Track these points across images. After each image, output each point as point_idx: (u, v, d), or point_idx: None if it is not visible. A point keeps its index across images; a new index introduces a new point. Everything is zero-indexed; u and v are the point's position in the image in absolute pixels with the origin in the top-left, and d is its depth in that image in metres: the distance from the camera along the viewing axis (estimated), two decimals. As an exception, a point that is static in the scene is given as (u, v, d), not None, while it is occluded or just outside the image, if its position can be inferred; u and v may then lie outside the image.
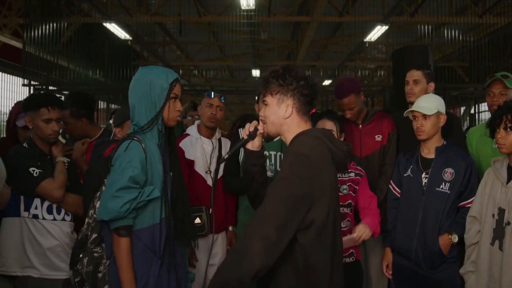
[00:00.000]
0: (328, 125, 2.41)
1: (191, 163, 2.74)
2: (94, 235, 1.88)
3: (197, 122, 2.92)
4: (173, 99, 1.86)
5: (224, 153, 2.84)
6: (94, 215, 1.87)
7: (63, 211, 2.35)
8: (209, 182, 2.77)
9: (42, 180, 2.24)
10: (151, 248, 1.78)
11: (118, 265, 1.73)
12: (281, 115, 1.70)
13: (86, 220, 1.94)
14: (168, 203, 1.84)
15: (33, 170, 2.24)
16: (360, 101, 2.83)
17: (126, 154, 1.75)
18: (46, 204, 2.31)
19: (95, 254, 1.87)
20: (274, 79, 1.70)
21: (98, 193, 1.92)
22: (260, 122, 1.79)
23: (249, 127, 1.79)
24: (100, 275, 1.85)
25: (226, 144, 2.93)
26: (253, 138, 1.79)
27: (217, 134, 2.89)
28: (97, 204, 1.87)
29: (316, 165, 1.57)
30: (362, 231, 2.20)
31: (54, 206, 2.33)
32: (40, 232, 2.29)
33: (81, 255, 1.89)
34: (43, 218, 2.30)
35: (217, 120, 2.79)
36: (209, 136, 2.83)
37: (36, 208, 2.30)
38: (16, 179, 2.27)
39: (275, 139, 1.87)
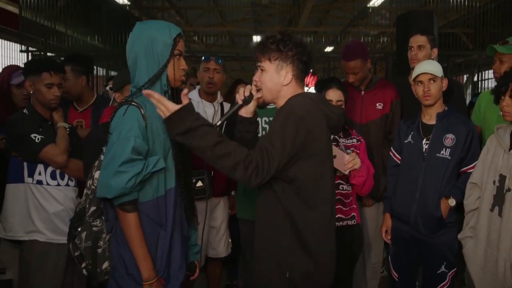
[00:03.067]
0: (338, 95, 2.36)
1: None
2: (93, 208, 1.73)
3: (198, 87, 2.92)
4: (177, 56, 1.70)
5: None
6: (93, 186, 1.74)
7: (66, 176, 2.36)
8: None
9: (45, 146, 2.24)
10: (156, 221, 1.65)
11: (129, 241, 1.60)
12: (280, 82, 1.68)
13: (85, 191, 1.80)
14: (178, 172, 1.71)
15: (35, 136, 2.24)
16: (365, 68, 2.80)
17: (125, 122, 1.58)
18: (49, 170, 2.33)
19: (94, 228, 1.73)
20: (273, 44, 1.66)
21: (97, 162, 1.76)
22: (253, 86, 1.75)
23: (244, 91, 1.75)
24: (99, 250, 1.71)
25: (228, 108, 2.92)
26: (248, 103, 1.75)
27: (219, 98, 2.88)
28: (96, 175, 1.72)
29: (309, 126, 1.59)
30: (354, 157, 2.19)
31: (58, 172, 2.34)
32: (45, 197, 2.32)
33: (79, 229, 1.76)
34: (47, 184, 2.32)
35: (215, 84, 2.77)
36: (211, 100, 2.83)
37: (39, 174, 2.32)
38: (19, 146, 2.28)
39: (270, 106, 1.85)
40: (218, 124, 1.78)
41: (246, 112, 1.77)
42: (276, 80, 1.69)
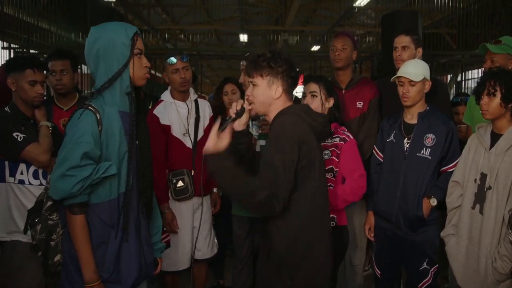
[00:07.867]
0: (312, 87, 2.45)
1: (167, 128, 2.73)
2: (50, 203, 1.75)
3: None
4: (137, 55, 1.68)
5: (202, 114, 2.84)
6: None
7: (49, 176, 2.33)
8: (188, 144, 2.77)
9: (27, 145, 2.21)
10: (108, 223, 1.67)
11: (74, 242, 1.62)
12: (271, 96, 1.83)
13: (45, 184, 1.83)
14: (130, 176, 1.71)
15: (17, 135, 2.20)
16: (352, 53, 2.90)
17: (78, 126, 1.58)
18: (32, 169, 2.29)
19: (49, 222, 1.76)
20: (264, 62, 1.81)
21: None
22: (245, 100, 1.88)
23: (236, 106, 1.88)
24: (52, 243, 1.75)
25: (204, 105, 2.91)
26: (240, 116, 1.88)
27: (192, 96, 2.87)
28: None
29: (300, 137, 1.72)
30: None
31: (40, 171, 2.30)
32: (27, 197, 2.28)
33: (36, 220, 1.79)
34: (29, 183, 2.28)
35: (188, 81, 2.78)
36: (183, 99, 2.82)
37: (21, 173, 2.28)
38: (0, 145, 2.24)
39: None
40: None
41: (238, 125, 1.90)
42: (267, 94, 1.83)
